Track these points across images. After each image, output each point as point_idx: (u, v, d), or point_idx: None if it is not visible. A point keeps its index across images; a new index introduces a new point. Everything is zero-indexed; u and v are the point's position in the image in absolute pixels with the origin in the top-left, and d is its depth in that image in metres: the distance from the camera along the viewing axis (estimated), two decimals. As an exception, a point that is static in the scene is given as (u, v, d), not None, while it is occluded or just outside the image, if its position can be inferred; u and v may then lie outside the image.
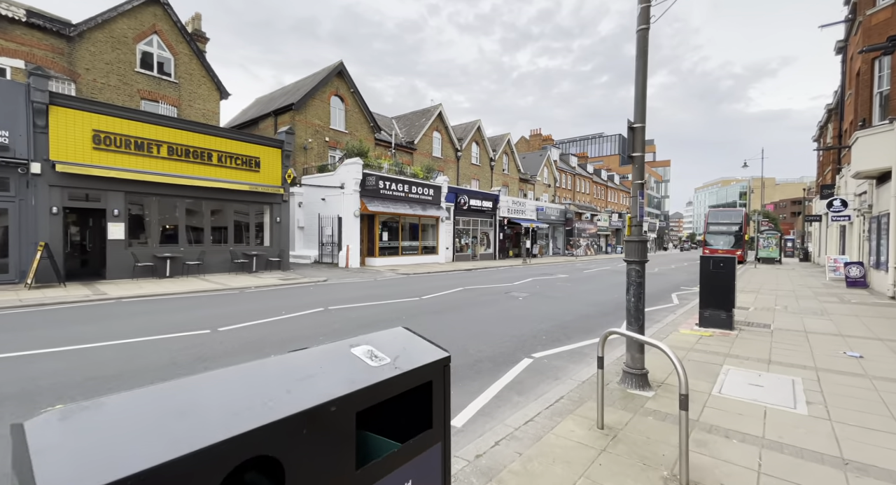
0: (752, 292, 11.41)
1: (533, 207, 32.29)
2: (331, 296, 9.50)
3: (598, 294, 10.65)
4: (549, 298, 9.75)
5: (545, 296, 9.96)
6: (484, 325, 6.55)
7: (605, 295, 10.55)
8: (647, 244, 4.25)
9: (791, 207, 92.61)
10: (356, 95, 21.89)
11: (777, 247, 28.02)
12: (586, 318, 7.49)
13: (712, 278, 6.41)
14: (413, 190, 20.08)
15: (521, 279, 13.99)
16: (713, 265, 6.44)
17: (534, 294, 10.20)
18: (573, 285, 12.52)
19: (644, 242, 4.06)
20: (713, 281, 6.40)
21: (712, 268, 6.43)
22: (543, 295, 10.07)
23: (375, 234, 18.49)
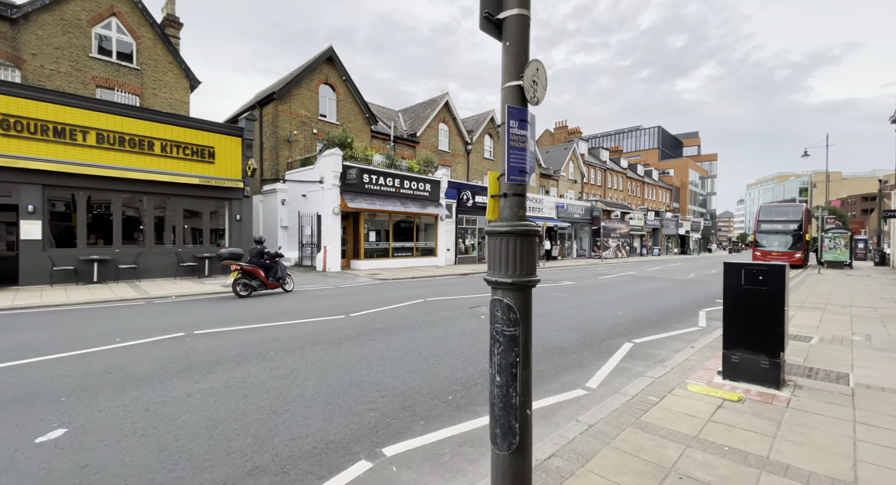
0: (816, 309, 8.43)
1: (552, 204, 29.43)
2: (240, 311, 7.66)
3: (594, 311, 8.14)
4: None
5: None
6: (372, 370, 4.37)
7: (603, 312, 8.03)
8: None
9: (861, 203, 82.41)
10: (349, 84, 20.27)
11: (847, 248, 23.53)
12: (552, 354, 5.12)
13: (746, 302, 3.91)
14: (406, 185, 18.11)
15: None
16: (748, 279, 3.91)
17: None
18: (569, 297, 10.00)
19: (526, 234, 1.80)
20: (747, 306, 3.89)
21: (746, 283, 3.92)
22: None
23: (360, 234, 16.67)
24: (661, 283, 14.15)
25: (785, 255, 24.65)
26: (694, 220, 56.44)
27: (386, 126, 23.28)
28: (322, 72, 19.33)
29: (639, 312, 8.12)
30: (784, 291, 3.75)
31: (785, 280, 3.75)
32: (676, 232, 49.48)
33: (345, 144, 16.41)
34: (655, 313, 7.98)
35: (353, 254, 16.97)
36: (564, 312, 7.85)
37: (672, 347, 5.62)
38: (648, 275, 17.42)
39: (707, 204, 76.69)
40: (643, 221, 41.84)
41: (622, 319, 7.26)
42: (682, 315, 8.02)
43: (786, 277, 3.75)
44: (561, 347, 5.37)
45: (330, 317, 6.84)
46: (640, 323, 7.06)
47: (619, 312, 8.01)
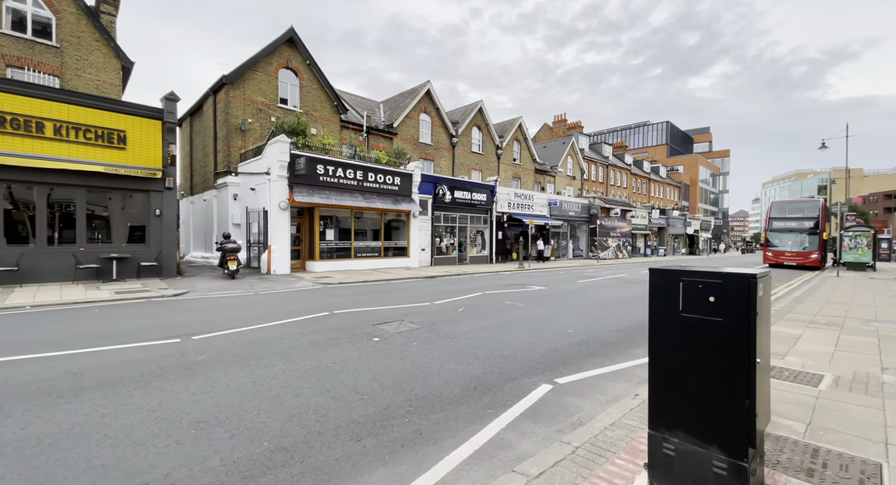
0: (831, 326, 6.47)
1: (544, 200, 27.48)
2: (49, 332, 6.05)
3: (537, 329, 6.33)
4: (435, 338, 5.61)
5: (434, 334, 5.81)
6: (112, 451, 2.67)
7: (547, 330, 6.22)
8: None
9: (884, 201, 78.30)
10: (314, 69, 18.67)
11: (869, 248, 21.13)
12: (414, 407, 3.36)
13: (686, 344, 2.10)
14: (371, 178, 16.43)
15: (462, 295, 9.82)
16: (690, 301, 2.09)
17: (419, 329, 6.08)
18: (522, 308, 8.19)
19: None
20: (690, 353, 2.08)
21: (686, 309, 2.10)
22: (435, 331, 5.92)
23: (315, 232, 15.03)
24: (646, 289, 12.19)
25: (799, 255, 22.35)
26: (704, 218, 53.69)
27: (358, 115, 21.64)
28: (282, 55, 17.76)
29: (596, 329, 6.29)
30: (753, 324, 1.93)
31: (754, 303, 1.93)
32: (684, 231, 46.90)
33: (297, 132, 14.80)
34: (615, 332, 6.14)
35: (309, 254, 15.34)
36: (497, 329, 6.05)
37: (610, 392, 3.80)
38: (639, 278, 15.44)
39: (719, 202, 73.50)
40: (647, 219, 39.51)
41: (564, 342, 5.44)
42: (616, 344, 6.14)
43: (756, 298, 1.93)
44: (438, 394, 3.59)
45: (161, 341, 5.13)
46: (588, 347, 5.24)
47: (569, 329, 6.18)
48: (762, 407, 2.06)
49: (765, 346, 2.10)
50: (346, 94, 24.89)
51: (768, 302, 2.20)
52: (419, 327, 5.98)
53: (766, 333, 2.16)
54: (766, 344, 2.13)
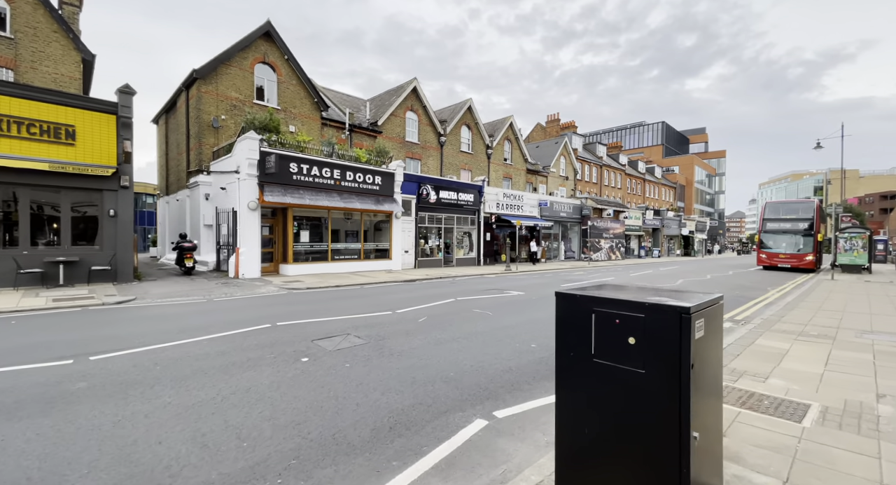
0: (822, 339, 5.86)
1: (534, 201, 26.89)
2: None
3: (498, 343, 5.71)
4: (375, 357, 4.98)
5: (377, 352, 5.18)
6: None
7: (508, 345, 5.60)
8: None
9: (880, 202, 78.19)
10: (292, 64, 18.02)
11: (865, 250, 20.61)
12: (287, 462, 2.72)
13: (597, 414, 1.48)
14: (349, 177, 15.79)
15: (433, 301, 9.20)
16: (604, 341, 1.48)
17: (363, 344, 5.45)
18: (491, 316, 7.58)
19: None
20: (603, 410, 1.46)
21: (599, 354, 1.48)
22: (379, 348, 5.29)
23: (288, 233, 14.37)
24: (634, 292, 11.60)
25: (794, 257, 21.81)
26: (699, 219, 53.23)
27: (340, 113, 20.99)
28: (258, 49, 17.10)
29: (562, 342, 5.65)
30: (685, 383, 1.30)
31: (688, 350, 1.30)
32: (679, 232, 46.42)
33: (269, 128, 14.15)
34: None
35: (282, 257, 14.68)
36: (452, 344, 5.42)
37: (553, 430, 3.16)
38: (626, 282, 14.84)
39: (715, 203, 73.14)
40: (641, 220, 38.99)
41: (523, 360, 4.82)
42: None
43: (690, 342, 1.30)
44: (342, 437, 2.94)
45: (49, 363, 4.45)
46: (547, 367, 4.62)
47: (533, 343, 5.56)
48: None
49: (710, 411, 1.47)
50: (330, 92, 24.26)
51: (717, 345, 1.57)
52: (364, 343, 5.34)
53: (714, 389, 1.53)
54: (713, 410, 1.50)
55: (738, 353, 5.22)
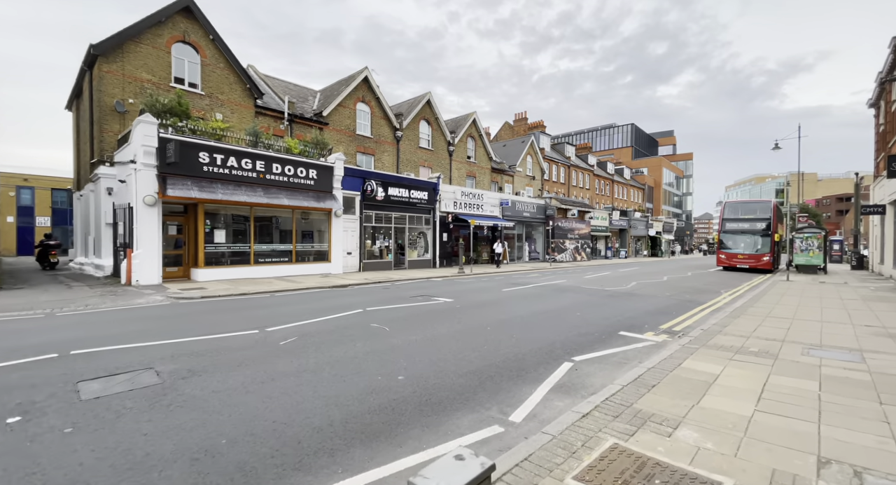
0: (762, 358, 4.80)
1: (495, 200, 25.83)
2: None
3: (358, 373, 4.40)
4: (125, 415, 3.55)
5: (149, 402, 3.77)
6: None
7: (367, 378, 4.28)
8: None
9: (836, 204, 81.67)
10: (219, 45, 16.26)
11: (820, 250, 20.47)
12: None
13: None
14: (276, 169, 14.19)
15: (332, 313, 7.81)
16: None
17: (149, 387, 4.01)
18: (388, 333, 6.26)
19: None
20: None
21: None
22: (160, 395, 3.87)
23: (199, 233, 12.66)
24: (576, 298, 10.54)
25: (751, 257, 21.50)
26: (666, 220, 53.73)
27: (280, 101, 19.28)
28: (176, 26, 15.25)
29: (441, 372, 4.40)
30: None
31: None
32: (647, 233, 46.57)
33: (176, 112, 12.42)
34: (463, 377, 4.26)
35: (193, 260, 12.94)
36: (289, 380, 4.05)
37: None
38: (577, 284, 13.85)
39: (683, 205, 74.49)
40: (608, 220, 38.69)
41: (363, 407, 3.52)
42: (518, 377, 4.31)
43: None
44: None
45: None
46: (389, 415, 3.34)
47: (401, 375, 4.24)
48: None
49: None
50: (274, 81, 22.49)
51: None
52: (154, 384, 3.88)
53: None
54: None
55: (655, 383, 4.07)
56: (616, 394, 3.75)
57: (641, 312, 8.65)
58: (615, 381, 4.13)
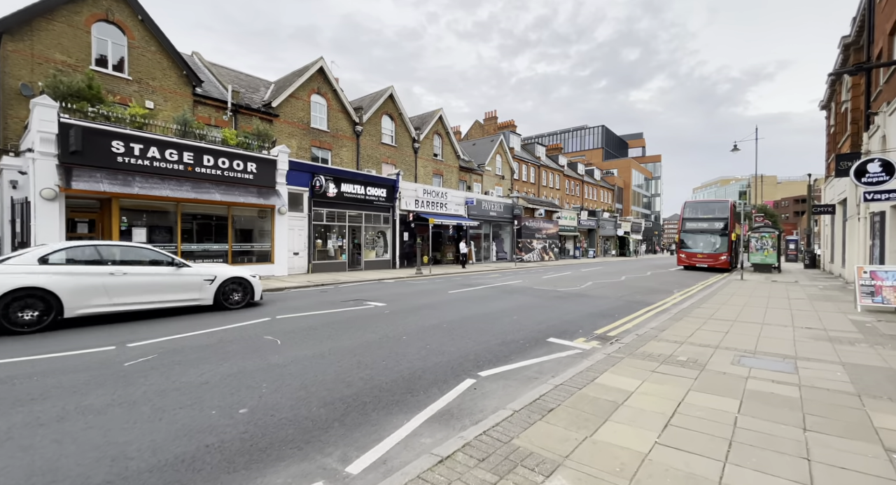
0: (685, 371, 4.23)
1: (460, 199, 25.19)
2: None
3: (189, 407, 3.53)
4: None
5: None
6: None
7: (153, 428, 3.42)
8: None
9: (794, 206, 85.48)
10: (150, 27, 14.88)
11: (774, 249, 20.81)
12: None
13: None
14: (207, 162, 13.03)
15: (235, 322, 6.87)
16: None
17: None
18: (279, 347, 5.42)
19: None
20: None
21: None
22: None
23: (114, 232, 11.38)
24: (522, 299, 9.95)
25: (710, 257, 21.66)
26: (634, 220, 54.65)
27: (222, 90, 17.97)
28: (98, 4, 13.80)
29: (309, 398, 3.62)
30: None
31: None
32: (615, 233, 47.14)
33: (85, 96, 11.12)
34: (335, 402, 3.52)
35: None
36: (87, 419, 3.17)
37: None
38: (531, 285, 13.32)
39: (652, 206, 76.25)
40: (576, 220, 38.79)
41: (152, 460, 2.68)
42: (398, 403, 3.57)
43: None
44: None
45: None
46: (183, 472, 2.50)
47: (244, 408, 3.39)
48: None
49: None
50: (222, 70, 21.08)
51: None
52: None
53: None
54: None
55: (555, 405, 3.41)
56: (501, 424, 3.05)
57: (583, 314, 8.11)
58: (510, 404, 3.45)
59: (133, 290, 6.99)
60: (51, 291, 6.10)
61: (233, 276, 8.59)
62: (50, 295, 6.10)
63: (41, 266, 6.22)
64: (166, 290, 7.41)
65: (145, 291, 7.14)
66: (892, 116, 9.16)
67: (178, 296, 7.58)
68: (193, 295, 7.80)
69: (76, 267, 6.53)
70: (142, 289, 7.10)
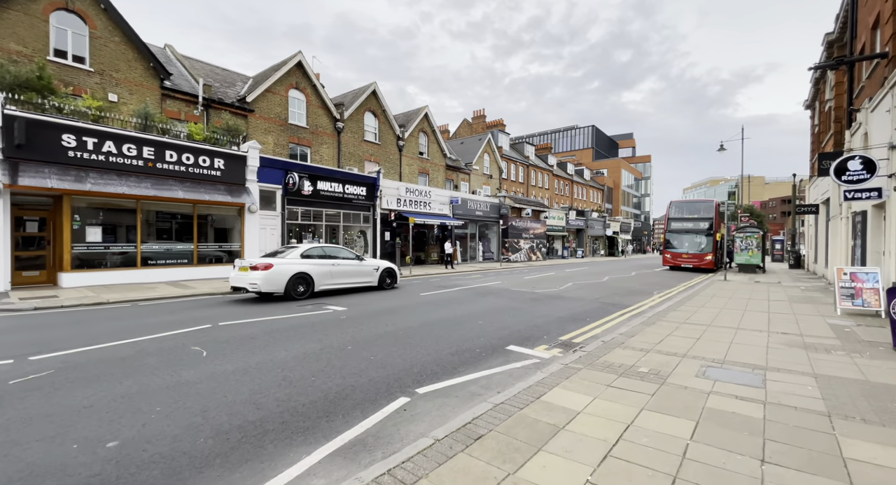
0: (644, 386, 3.81)
1: (445, 198, 24.75)
2: None
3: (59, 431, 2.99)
4: None
5: None
6: None
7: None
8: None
9: (781, 206, 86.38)
10: (113, 15, 14.20)
11: (759, 249, 20.66)
12: None
13: None
14: (170, 157, 12.42)
15: (173, 329, 6.37)
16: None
17: None
18: (204, 358, 4.96)
19: None
20: None
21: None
22: None
23: (65, 231, 10.74)
24: (494, 302, 9.52)
25: (695, 257, 21.46)
26: (624, 220, 54.64)
27: (194, 83, 17.29)
28: (55, -9, 13.13)
29: (203, 425, 3.14)
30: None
31: None
32: (604, 233, 47.03)
33: (33, 86, 10.46)
34: (232, 431, 3.05)
35: (59, 263, 10.97)
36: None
37: None
38: (509, 286, 12.91)
39: (642, 206, 76.48)
40: (564, 220, 38.56)
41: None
42: (305, 431, 3.11)
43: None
44: None
45: None
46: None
47: (113, 442, 2.89)
48: None
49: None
50: (197, 63, 20.38)
51: None
52: None
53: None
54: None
55: (487, 431, 2.96)
56: (414, 457, 2.60)
57: (553, 318, 7.69)
58: (436, 430, 3.00)
59: (343, 275, 10.65)
60: (309, 275, 9.75)
61: (388, 266, 12.02)
62: (309, 277, 9.74)
63: (302, 259, 9.83)
64: (356, 275, 11.05)
65: (347, 275, 10.79)
66: (874, 113, 8.89)
67: (362, 279, 11.21)
68: (368, 279, 11.39)
69: (317, 260, 10.12)
70: (346, 274, 10.75)
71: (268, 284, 9.00)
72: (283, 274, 9.21)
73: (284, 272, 9.23)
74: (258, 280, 8.91)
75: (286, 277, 9.23)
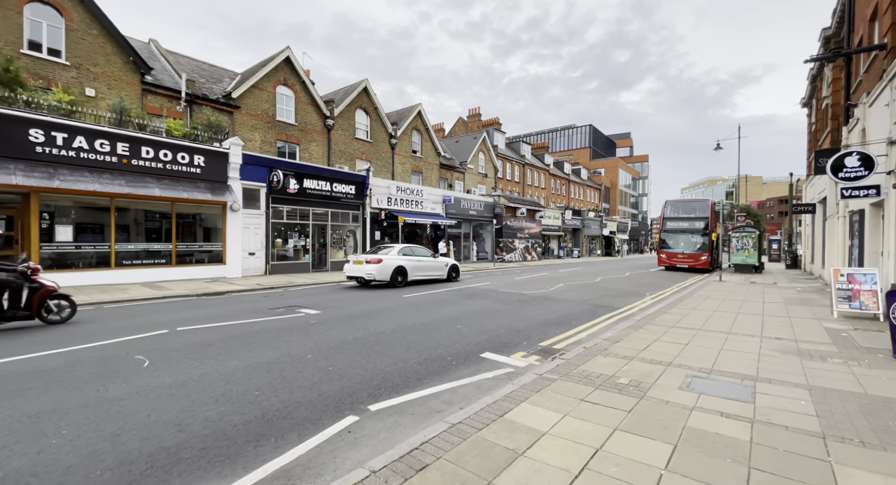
0: (622, 402, 3.42)
1: (437, 197, 24.36)
2: None
3: None
4: None
5: None
6: None
7: None
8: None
9: (778, 206, 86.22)
10: (91, 7, 13.75)
11: (755, 249, 20.33)
12: None
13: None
14: (146, 154, 12.01)
15: (130, 335, 5.96)
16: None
17: None
18: (148, 368, 4.57)
19: None
20: None
21: None
22: None
23: (33, 230, 10.31)
24: (477, 304, 9.14)
25: (691, 257, 21.13)
26: (620, 220, 54.34)
27: (178, 79, 16.84)
28: (27, -18, 12.68)
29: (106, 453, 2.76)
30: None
31: None
32: (601, 233, 46.69)
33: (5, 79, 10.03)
34: (133, 462, 2.66)
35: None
36: None
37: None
38: (497, 288, 12.53)
39: (639, 205, 76.18)
40: (560, 220, 38.20)
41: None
42: (225, 460, 2.72)
43: None
44: None
45: None
46: None
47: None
48: None
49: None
50: (182, 58, 19.93)
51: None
52: None
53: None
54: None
55: (434, 459, 2.58)
56: (340, 491, 2.21)
57: (537, 322, 7.32)
58: (376, 458, 2.62)
59: (425, 269, 13.30)
60: (405, 268, 12.47)
61: (453, 263, 14.48)
62: (405, 269, 12.45)
63: (400, 256, 12.57)
64: (433, 269, 13.63)
65: (428, 269, 13.43)
66: (872, 107, 8.54)
67: (437, 272, 13.79)
68: (441, 272, 13.95)
69: (409, 257, 12.84)
70: (427, 268, 13.40)
71: (380, 275, 11.78)
72: (389, 267, 11.99)
73: (390, 266, 12.02)
74: (374, 271, 11.71)
75: (391, 269, 12.00)
